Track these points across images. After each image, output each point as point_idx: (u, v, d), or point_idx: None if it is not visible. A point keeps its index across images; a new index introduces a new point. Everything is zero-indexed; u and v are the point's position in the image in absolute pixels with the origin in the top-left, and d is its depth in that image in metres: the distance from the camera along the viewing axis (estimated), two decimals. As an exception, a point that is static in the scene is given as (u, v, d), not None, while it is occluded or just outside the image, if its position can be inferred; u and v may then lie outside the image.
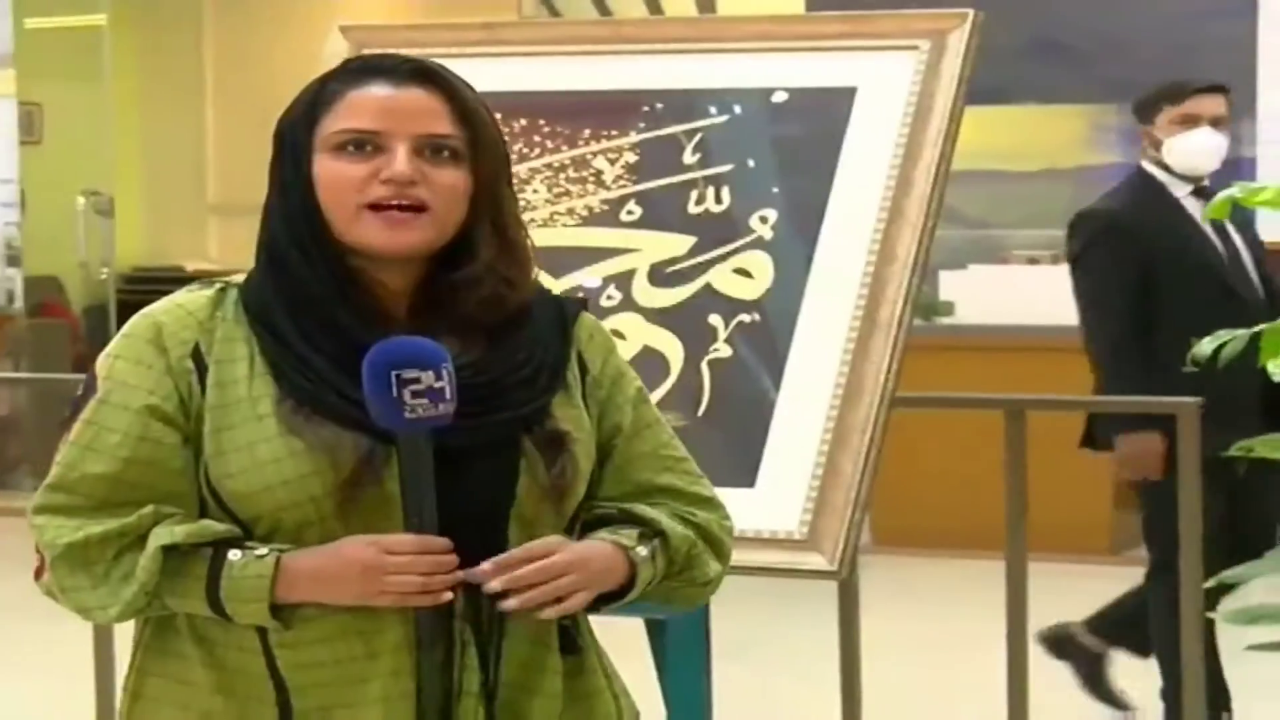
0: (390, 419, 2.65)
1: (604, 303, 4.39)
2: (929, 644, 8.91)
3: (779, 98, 4.60)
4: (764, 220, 4.47)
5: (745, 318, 4.44)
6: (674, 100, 4.61)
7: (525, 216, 4.02)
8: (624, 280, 4.45)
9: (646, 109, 4.58)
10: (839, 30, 4.64)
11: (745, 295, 4.42)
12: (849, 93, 4.51)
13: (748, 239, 4.44)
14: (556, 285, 4.02)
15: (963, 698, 7.80)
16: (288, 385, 2.73)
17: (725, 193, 4.48)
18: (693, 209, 4.48)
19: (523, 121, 4.59)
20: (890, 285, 4.35)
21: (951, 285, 11.15)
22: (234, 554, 2.69)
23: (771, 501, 4.18)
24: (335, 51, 4.67)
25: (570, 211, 4.54)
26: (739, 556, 3.23)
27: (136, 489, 2.72)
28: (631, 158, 4.54)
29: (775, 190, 4.53)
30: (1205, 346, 5.26)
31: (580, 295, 3.08)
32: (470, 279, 2.79)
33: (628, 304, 4.42)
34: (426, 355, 2.66)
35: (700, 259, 4.44)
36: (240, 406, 2.74)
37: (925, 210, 4.37)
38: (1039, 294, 11.10)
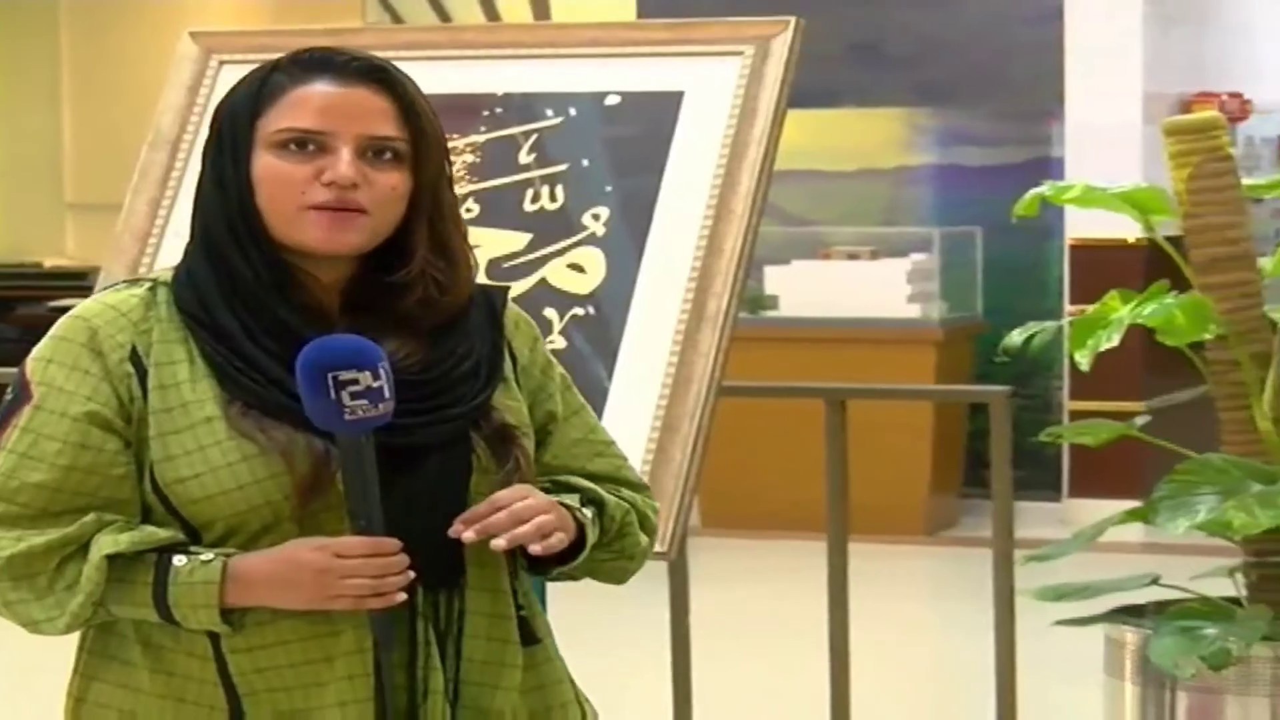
0: (329, 421, 2.50)
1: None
2: (756, 621, 8.96)
3: (611, 101, 4.59)
4: (596, 218, 4.47)
5: (579, 311, 4.45)
6: (512, 103, 4.60)
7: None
8: (463, 275, 4.43)
9: (486, 112, 4.57)
10: (667, 37, 4.64)
11: (579, 289, 4.42)
12: (677, 96, 4.52)
13: (581, 235, 4.44)
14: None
15: (788, 672, 7.84)
16: (233, 386, 2.58)
17: (560, 191, 4.47)
18: (529, 207, 4.47)
19: (367, 123, 4.56)
20: (717, 279, 4.36)
21: (776, 279, 11.21)
22: (179, 560, 2.54)
23: (604, 486, 4.14)
24: (185, 54, 4.64)
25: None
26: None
27: (77, 497, 2.57)
28: (471, 158, 4.53)
29: (608, 189, 4.52)
30: (1015, 337, 5.32)
31: (503, 285, 2.93)
32: (405, 281, 2.65)
33: (467, 297, 4.39)
34: (363, 355, 2.51)
35: (536, 255, 4.42)
36: (187, 409, 2.59)
37: (750, 207, 4.38)
38: (859, 288, 11.19)
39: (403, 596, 2.52)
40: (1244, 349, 5.44)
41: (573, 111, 4.62)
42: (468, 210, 4.47)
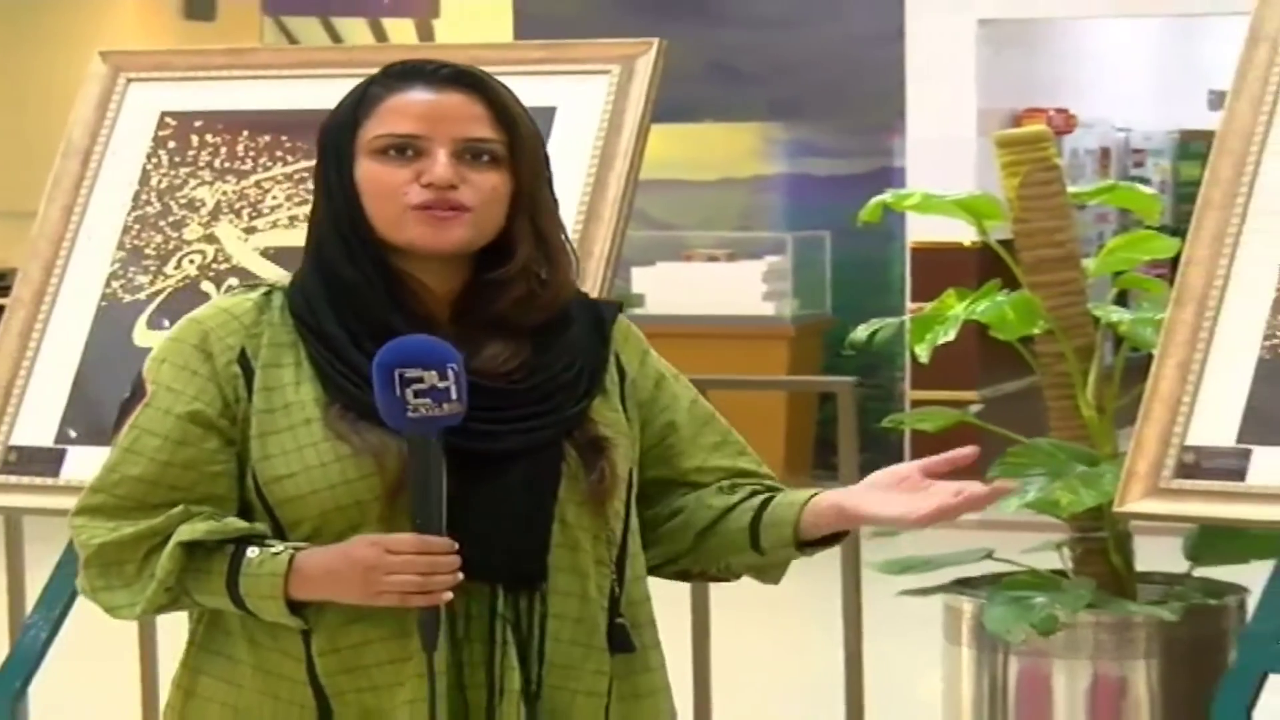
0: (393, 418, 2.38)
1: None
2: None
3: (497, 114, 4.62)
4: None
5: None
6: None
7: (269, 219, 3.90)
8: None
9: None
10: (541, 56, 4.67)
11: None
12: (550, 111, 4.52)
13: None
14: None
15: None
16: (334, 389, 2.47)
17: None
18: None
19: (266, 137, 4.54)
20: (587, 279, 4.37)
21: (642, 279, 11.24)
22: (251, 551, 2.43)
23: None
24: (95, 72, 4.61)
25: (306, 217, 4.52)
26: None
27: (174, 491, 2.47)
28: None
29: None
30: (861, 333, 5.35)
31: (616, 299, 2.79)
32: (505, 278, 2.51)
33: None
34: (431, 354, 2.38)
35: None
36: (289, 410, 2.48)
37: (617, 213, 4.41)
38: (717, 287, 11.23)
39: (448, 596, 2.37)
40: (1069, 343, 5.50)
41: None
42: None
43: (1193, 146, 12.52)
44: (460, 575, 2.38)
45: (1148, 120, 12.74)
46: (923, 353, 5.10)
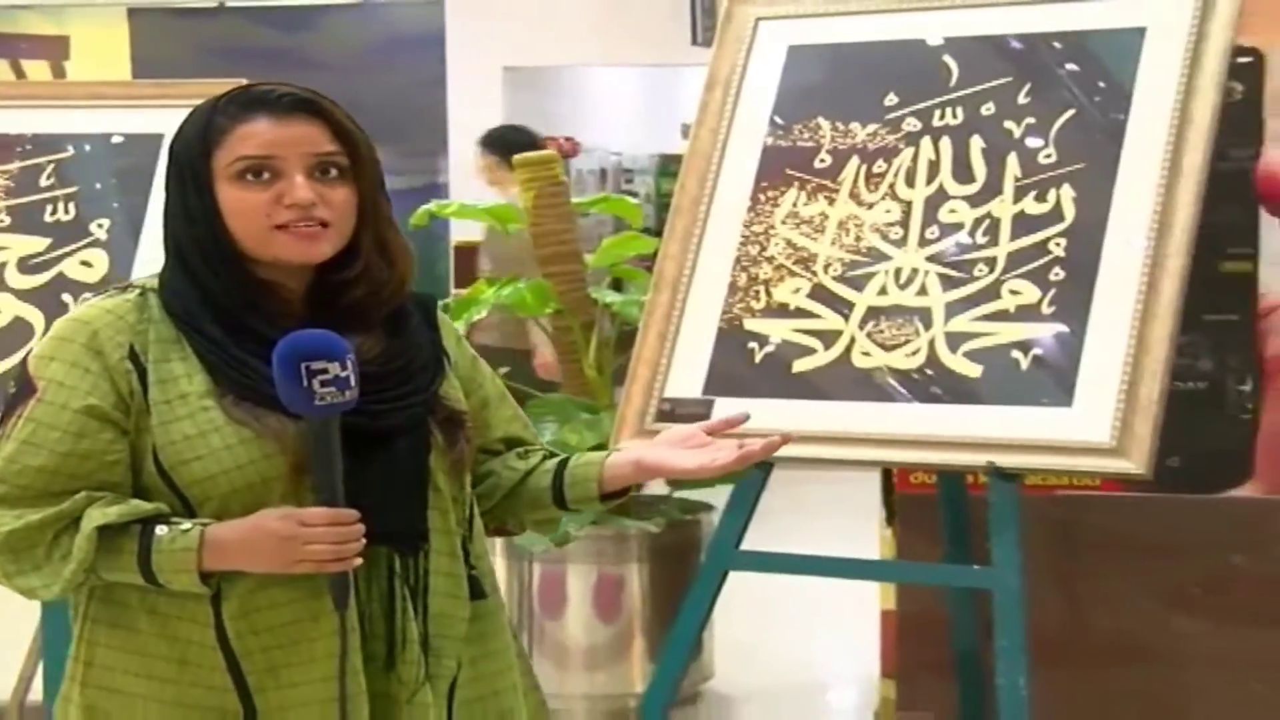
0: (302, 406, 2.17)
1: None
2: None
3: (117, 140, 4.51)
4: (101, 226, 4.38)
5: (90, 297, 4.37)
6: (40, 141, 4.48)
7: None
8: (-1, 270, 4.33)
9: (19, 149, 4.46)
10: (153, 92, 4.60)
11: (89, 279, 4.32)
12: (159, 138, 4.48)
13: (88, 240, 4.35)
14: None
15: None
16: (226, 381, 2.24)
17: (72, 206, 4.39)
18: (48, 218, 4.37)
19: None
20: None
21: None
22: (160, 529, 2.20)
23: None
24: None
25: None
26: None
27: (74, 480, 2.23)
28: (6, 182, 4.42)
29: (115, 205, 4.43)
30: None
31: (431, 294, 2.54)
32: (353, 277, 2.30)
33: (2, 286, 4.27)
34: (333, 347, 2.18)
35: (54, 254, 4.31)
36: (186, 400, 2.24)
37: None
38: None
39: (359, 561, 2.19)
40: (575, 319, 5.62)
41: (87, 148, 4.52)
42: (1, 220, 4.38)
43: (670, 166, 12.72)
44: (364, 542, 2.20)
45: (635, 146, 12.94)
46: (462, 327, 5.13)
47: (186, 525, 2.21)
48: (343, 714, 2.17)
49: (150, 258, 4.38)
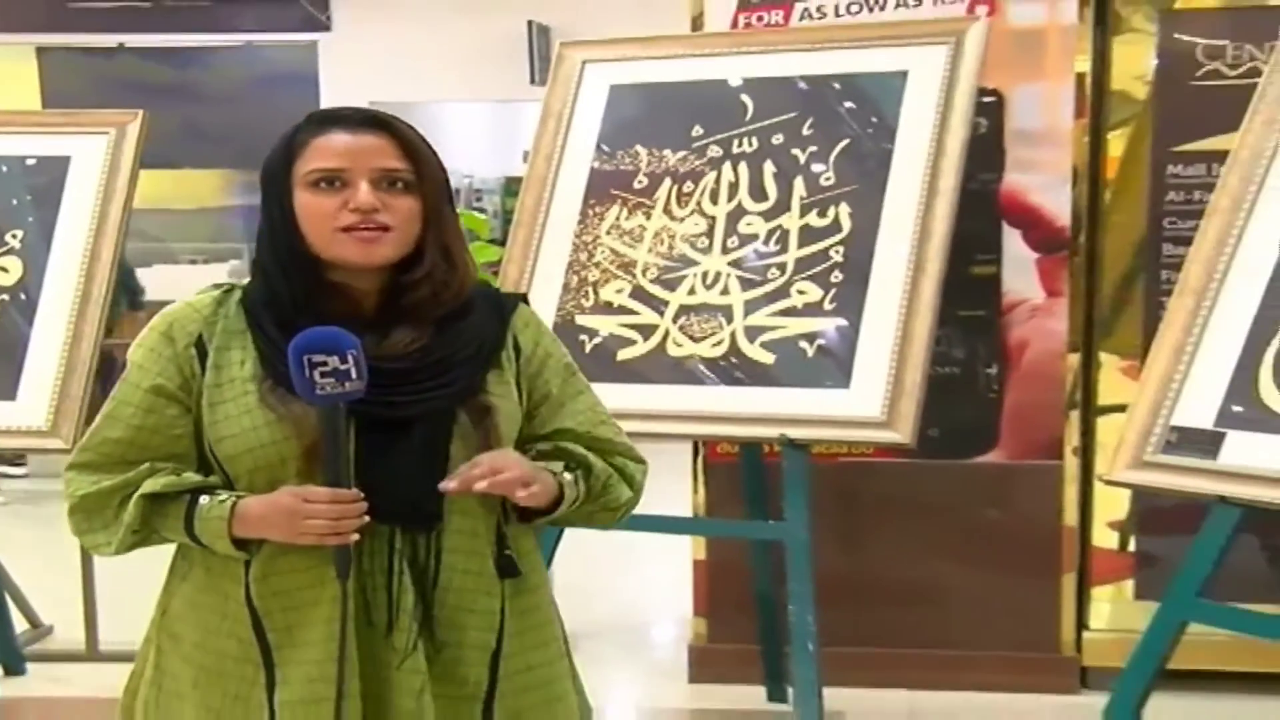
0: (306, 393, 2.06)
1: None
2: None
3: (30, 161, 4.43)
4: (15, 236, 4.30)
5: (5, 297, 4.28)
6: (-41, 163, 4.44)
7: None
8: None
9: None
10: (62, 121, 4.52)
11: (6, 282, 4.24)
12: (66, 160, 4.41)
13: (4, 249, 4.27)
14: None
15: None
16: (270, 368, 2.13)
17: (-10, 220, 4.36)
18: (-29, 231, 4.32)
19: None
20: (97, 278, 4.26)
21: (143, 276, 10.83)
22: (203, 500, 2.13)
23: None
24: None
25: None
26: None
27: (145, 450, 2.16)
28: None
29: (30, 219, 4.34)
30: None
31: (521, 293, 2.38)
32: (416, 280, 2.15)
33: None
34: (335, 343, 2.05)
35: (-23, 261, 4.27)
36: (234, 384, 2.15)
37: (119, 229, 4.35)
38: (196, 282, 10.88)
39: (355, 537, 2.07)
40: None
41: (3, 169, 4.44)
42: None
43: (513, 186, 12.67)
44: (367, 519, 2.09)
45: (484, 169, 12.86)
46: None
47: (224, 496, 2.13)
48: (340, 674, 2.09)
49: (60, 264, 4.28)
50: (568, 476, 2.21)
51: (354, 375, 2.05)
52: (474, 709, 2.16)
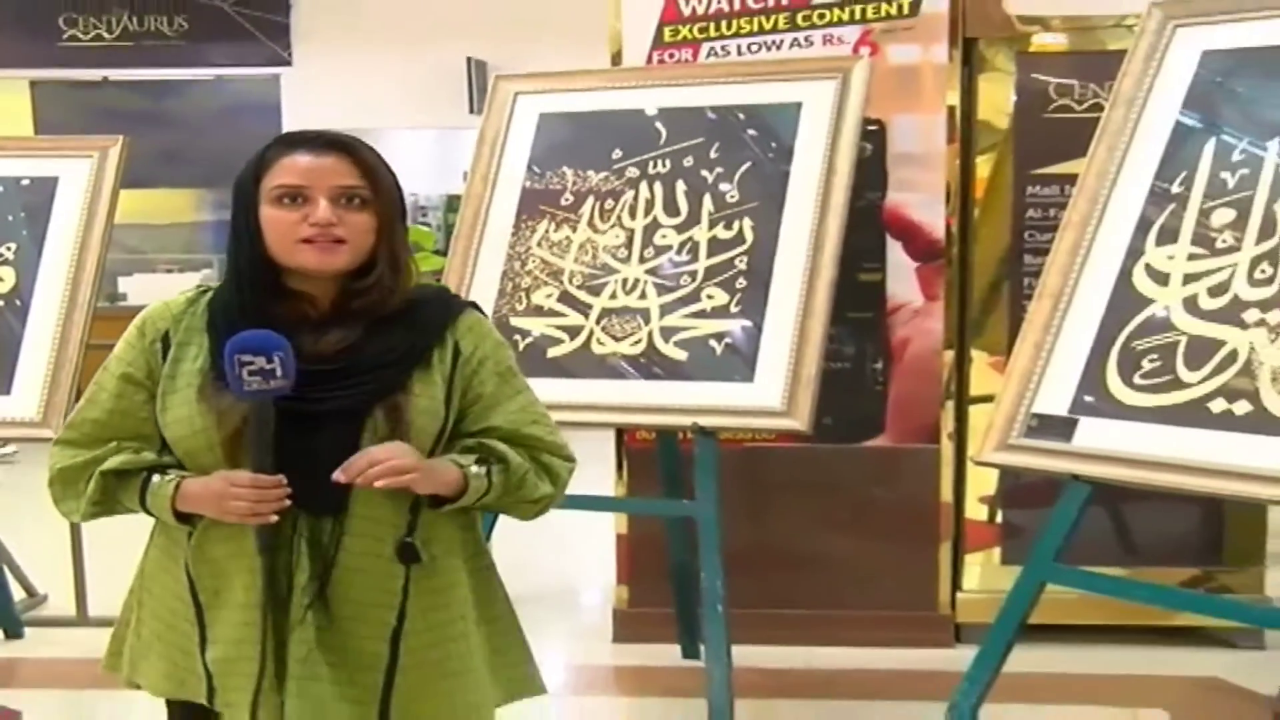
0: (236, 389, 2.05)
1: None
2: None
3: (25, 182, 4.38)
4: (10, 249, 4.27)
5: (2, 303, 4.26)
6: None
7: None
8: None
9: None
10: (52, 145, 4.49)
11: (3, 290, 4.22)
12: (54, 181, 4.37)
13: (3, 259, 4.25)
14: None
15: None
16: (217, 366, 2.12)
17: (-13, 234, 4.31)
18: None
19: None
20: (83, 284, 4.22)
21: (125, 284, 10.72)
22: (155, 478, 2.15)
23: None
24: None
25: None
26: None
27: (117, 431, 2.18)
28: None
29: (24, 233, 4.30)
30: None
31: (471, 300, 2.30)
32: (366, 286, 2.14)
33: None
34: (262, 344, 2.04)
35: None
36: (184, 376, 2.15)
37: (102, 242, 4.30)
38: (172, 289, 10.78)
39: (274, 518, 2.08)
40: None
41: (1, 189, 4.41)
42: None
43: (454, 204, 12.63)
44: (288, 503, 2.08)
45: (429, 188, 12.81)
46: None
47: (172, 476, 2.16)
48: (264, 630, 2.13)
49: (50, 273, 4.26)
50: (474, 469, 2.15)
51: (279, 374, 2.04)
52: (375, 679, 2.16)
